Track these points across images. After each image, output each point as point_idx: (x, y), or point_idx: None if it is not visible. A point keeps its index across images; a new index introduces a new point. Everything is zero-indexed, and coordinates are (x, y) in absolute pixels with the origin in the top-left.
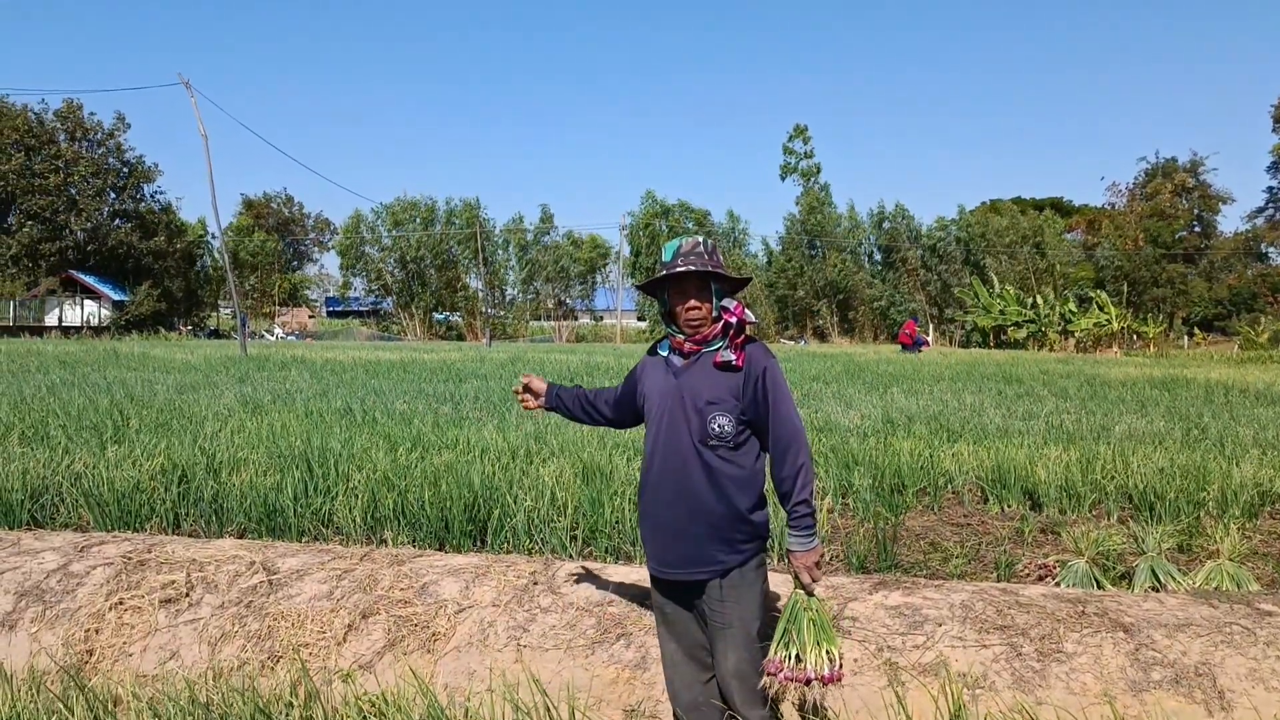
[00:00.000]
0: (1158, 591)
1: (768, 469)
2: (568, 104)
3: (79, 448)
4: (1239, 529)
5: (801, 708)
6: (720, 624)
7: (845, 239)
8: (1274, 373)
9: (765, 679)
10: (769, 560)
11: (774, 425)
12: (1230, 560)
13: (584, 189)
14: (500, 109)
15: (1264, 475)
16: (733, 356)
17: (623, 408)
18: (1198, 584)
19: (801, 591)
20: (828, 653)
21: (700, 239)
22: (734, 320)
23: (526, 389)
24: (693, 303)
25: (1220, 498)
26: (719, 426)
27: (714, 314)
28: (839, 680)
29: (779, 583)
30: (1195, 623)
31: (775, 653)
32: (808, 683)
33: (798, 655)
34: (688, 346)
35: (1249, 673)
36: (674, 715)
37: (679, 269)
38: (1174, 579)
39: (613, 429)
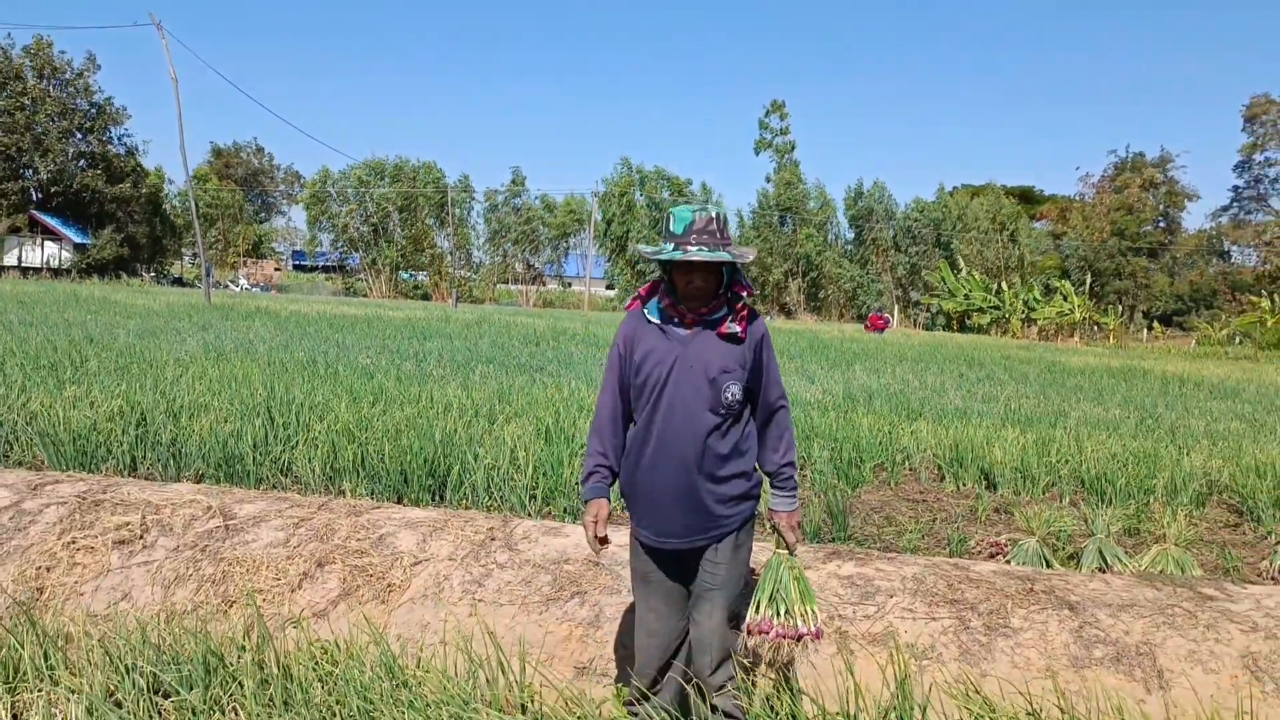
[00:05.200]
0: (1104, 572)
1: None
2: (545, 69)
3: (35, 387)
4: (1186, 516)
5: (767, 668)
6: (711, 585)
7: (816, 215)
8: (1229, 368)
9: (754, 637)
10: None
11: (765, 389)
12: (1176, 545)
13: (559, 155)
14: (477, 73)
15: (1213, 465)
16: (739, 329)
17: (628, 401)
18: (1143, 567)
19: (784, 550)
20: (812, 609)
21: (713, 214)
22: (744, 296)
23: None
24: (698, 280)
25: (1170, 485)
26: (731, 395)
27: (720, 288)
28: (820, 636)
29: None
30: (1139, 604)
31: (761, 611)
32: (798, 639)
33: (786, 611)
34: (689, 319)
35: (1188, 654)
36: (634, 683)
37: (692, 256)
38: (1121, 561)
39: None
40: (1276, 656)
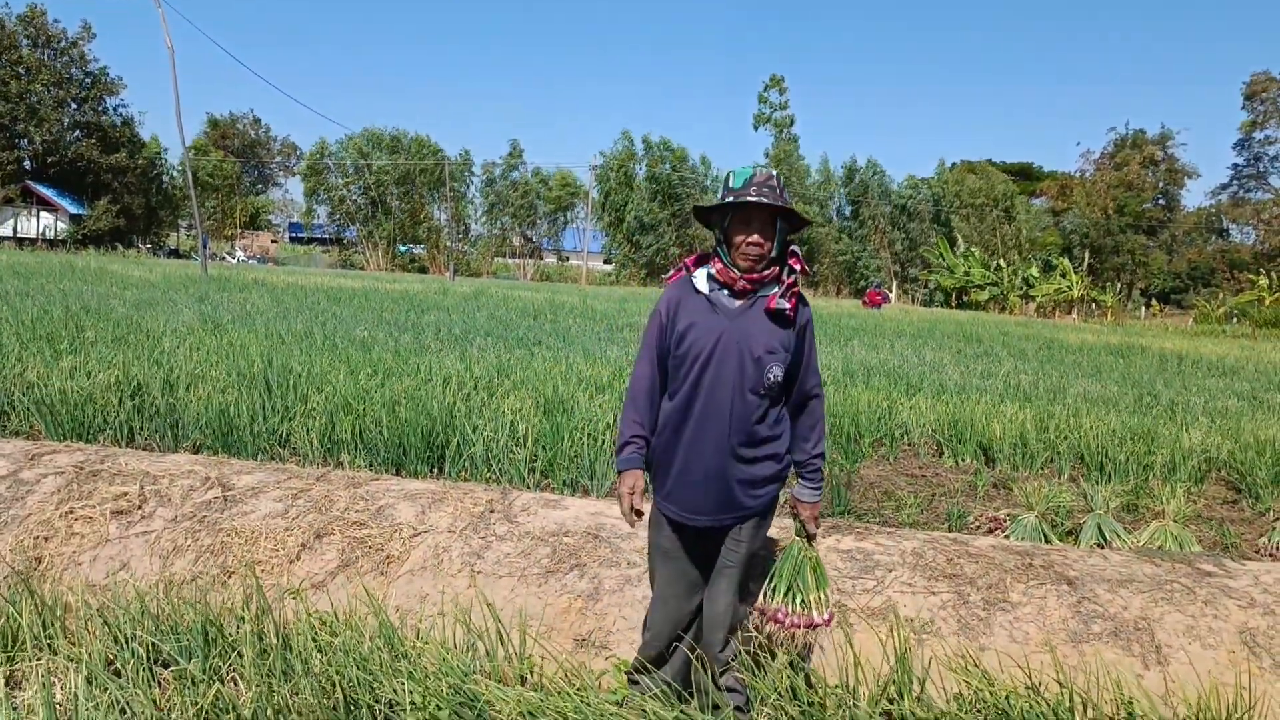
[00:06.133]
0: (1103, 548)
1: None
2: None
3: (32, 356)
4: (1185, 492)
5: (781, 651)
6: (731, 563)
7: (815, 192)
8: (1227, 346)
9: (769, 625)
10: None
11: (804, 376)
12: (1175, 522)
13: (557, 130)
14: (474, 47)
15: (1211, 442)
16: (788, 306)
17: (664, 371)
18: (1142, 543)
19: (802, 540)
20: (825, 595)
21: (773, 172)
22: (798, 269)
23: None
24: (756, 237)
25: (1169, 461)
26: (773, 377)
27: (773, 253)
28: (833, 621)
29: None
30: (1137, 579)
31: (775, 600)
32: (812, 627)
33: (802, 602)
34: (740, 284)
35: (1186, 629)
36: (639, 655)
37: (751, 198)
38: (1120, 537)
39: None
40: (1274, 632)
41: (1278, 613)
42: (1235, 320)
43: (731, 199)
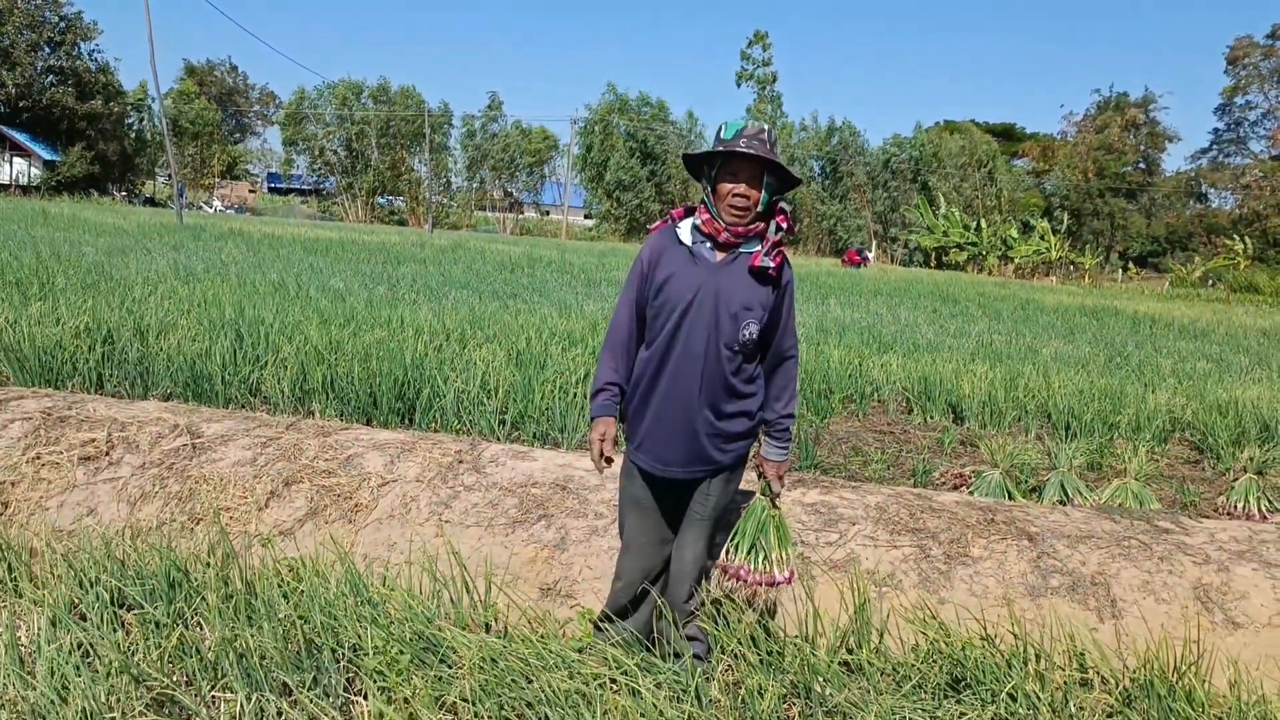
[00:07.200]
0: (1065, 505)
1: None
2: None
3: (1, 303)
4: (1148, 452)
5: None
6: (699, 515)
7: (798, 151)
8: (1199, 309)
9: (730, 581)
10: None
11: (781, 337)
12: (1136, 480)
13: (538, 82)
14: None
15: (1177, 403)
16: (771, 264)
17: (643, 320)
18: (1103, 500)
19: (766, 498)
20: (788, 554)
21: (764, 126)
22: (784, 226)
23: (608, 460)
24: (743, 188)
25: (1134, 421)
26: (749, 334)
27: (760, 207)
28: (794, 578)
29: None
30: (1096, 535)
31: (738, 557)
32: (773, 584)
33: (764, 559)
34: (724, 236)
35: (1141, 584)
36: (606, 606)
37: (740, 148)
38: (1082, 494)
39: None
40: (1227, 588)
41: (1231, 569)
42: (1210, 284)
43: (721, 149)
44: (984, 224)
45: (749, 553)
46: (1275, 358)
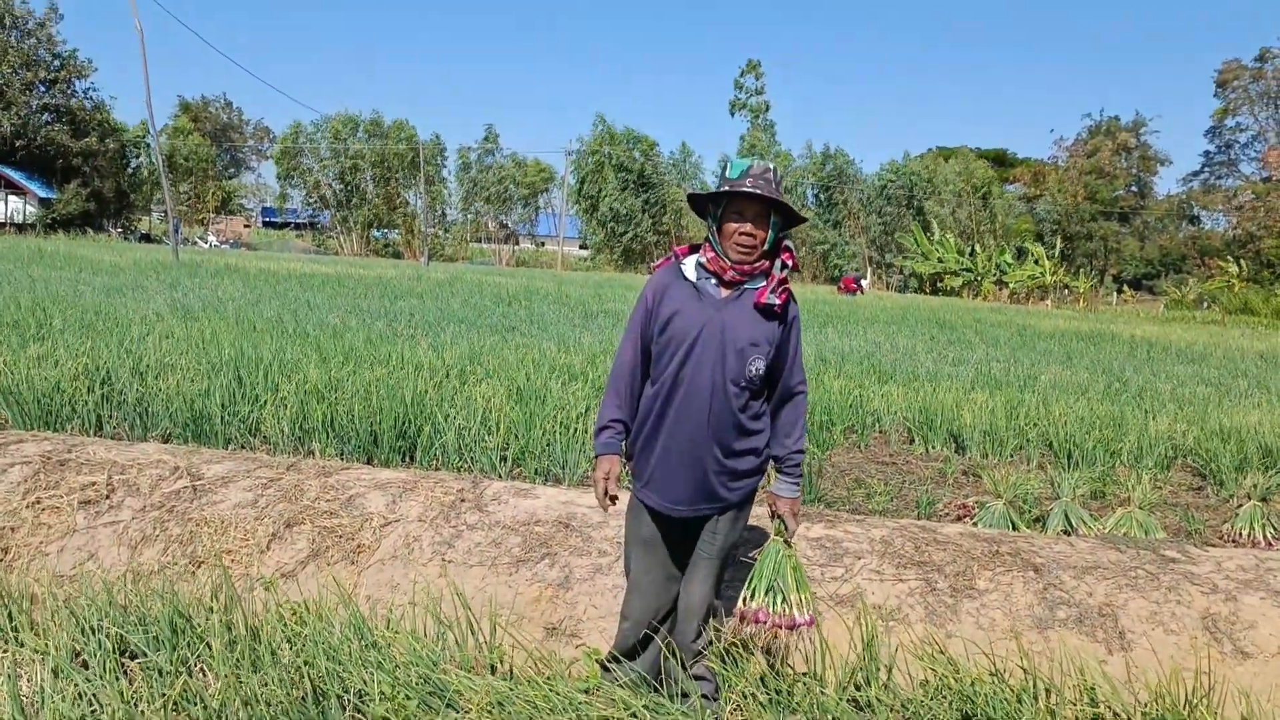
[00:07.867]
0: (1069, 535)
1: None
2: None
3: None
4: (1151, 479)
5: (762, 654)
6: (706, 554)
7: (793, 181)
8: (1196, 332)
9: (749, 626)
10: None
11: (789, 373)
12: (1140, 509)
13: (532, 115)
14: (450, 31)
15: (1178, 429)
16: (777, 301)
17: (647, 357)
18: (1108, 529)
19: (781, 539)
20: (807, 597)
21: (770, 165)
22: (789, 264)
23: (613, 498)
24: (749, 227)
25: (1135, 448)
26: (755, 370)
27: (766, 245)
28: (814, 623)
29: None
30: (1102, 566)
31: (756, 600)
32: (793, 627)
33: (783, 601)
34: (730, 274)
35: (1150, 615)
36: (614, 648)
37: (746, 188)
38: (1085, 524)
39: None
40: (1235, 618)
41: (1239, 599)
42: (1205, 306)
43: (727, 188)
44: (979, 249)
45: (766, 595)
46: (1274, 381)
